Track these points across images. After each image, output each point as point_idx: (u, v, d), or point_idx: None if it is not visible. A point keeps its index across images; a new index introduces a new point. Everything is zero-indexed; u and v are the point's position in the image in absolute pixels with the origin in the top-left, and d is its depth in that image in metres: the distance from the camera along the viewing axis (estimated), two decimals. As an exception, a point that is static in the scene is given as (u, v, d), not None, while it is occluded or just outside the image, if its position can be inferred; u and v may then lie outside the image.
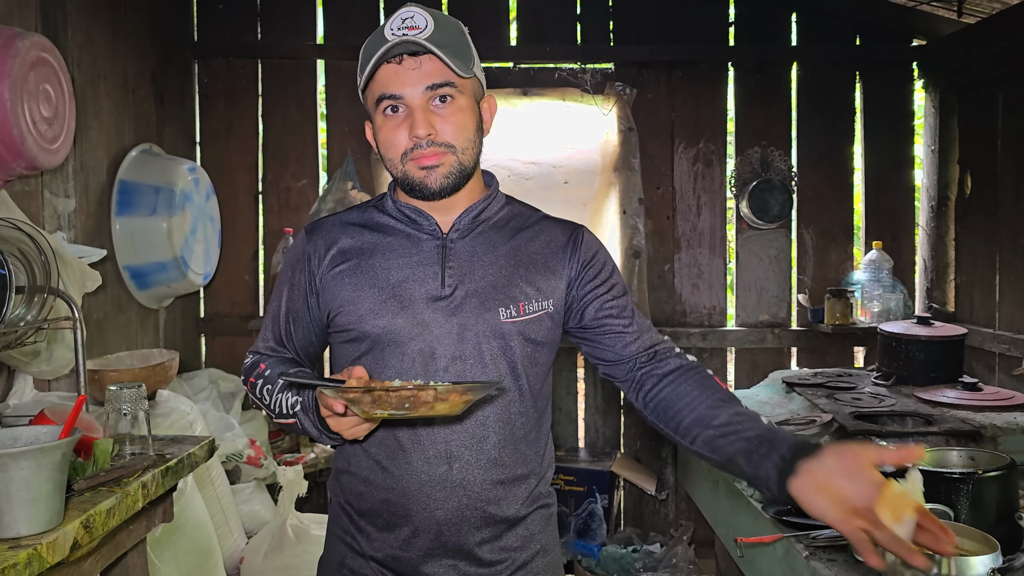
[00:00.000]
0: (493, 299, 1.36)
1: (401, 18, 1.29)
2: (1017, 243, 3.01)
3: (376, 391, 1.10)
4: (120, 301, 3.00)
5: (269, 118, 3.74)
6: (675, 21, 3.70)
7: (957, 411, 2.45)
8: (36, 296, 1.61)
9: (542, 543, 1.47)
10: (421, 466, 1.35)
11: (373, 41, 1.31)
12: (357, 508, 1.41)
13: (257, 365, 1.41)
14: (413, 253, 1.38)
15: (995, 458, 1.90)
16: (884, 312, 3.52)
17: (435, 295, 1.35)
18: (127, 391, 1.43)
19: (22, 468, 1.07)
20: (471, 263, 1.38)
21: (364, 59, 1.32)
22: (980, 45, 3.22)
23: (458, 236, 1.39)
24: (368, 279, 1.36)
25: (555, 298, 1.41)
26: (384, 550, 1.39)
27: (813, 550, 1.88)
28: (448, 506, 1.36)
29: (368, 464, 1.38)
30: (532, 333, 1.39)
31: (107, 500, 1.26)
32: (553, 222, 1.48)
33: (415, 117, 1.29)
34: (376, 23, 3.69)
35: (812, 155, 3.74)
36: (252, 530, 2.84)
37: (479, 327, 1.35)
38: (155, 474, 1.42)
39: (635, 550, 3.30)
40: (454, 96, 1.31)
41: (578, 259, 1.44)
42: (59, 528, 1.14)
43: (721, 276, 3.79)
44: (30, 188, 2.50)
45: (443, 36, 1.29)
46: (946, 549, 1.10)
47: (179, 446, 1.58)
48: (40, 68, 2.26)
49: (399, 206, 1.40)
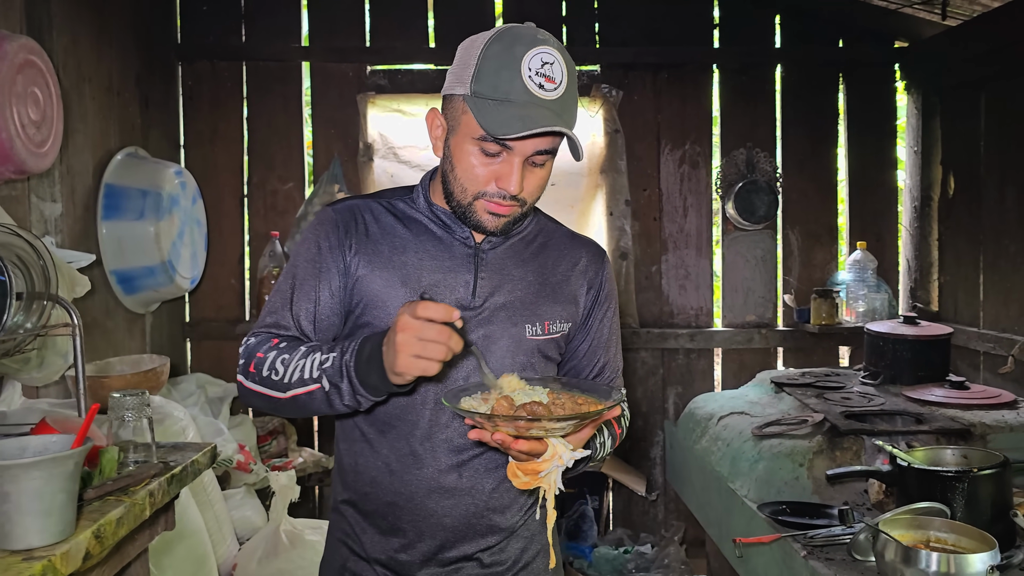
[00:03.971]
0: (521, 314, 1.37)
1: (541, 59, 1.23)
2: (1000, 243, 3.06)
3: (538, 421, 1.11)
4: (107, 306, 2.96)
5: (254, 121, 3.71)
6: (660, 23, 3.72)
7: (946, 409, 2.48)
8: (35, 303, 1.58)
9: (543, 543, 1.49)
10: (431, 473, 1.35)
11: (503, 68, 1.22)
12: (361, 508, 1.41)
13: (268, 340, 1.32)
14: (445, 258, 1.37)
15: (989, 456, 1.93)
16: (869, 312, 3.56)
17: (465, 304, 1.35)
18: (130, 398, 1.41)
19: (34, 479, 1.05)
20: (501, 276, 1.38)
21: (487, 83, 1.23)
22: (962, 47, 3.27)
23: (490, 247, 1.39)
24: (400, 277, 1.34)
25: (572, 323, 1.44)
26: (387, 552, 1.39)
27: (811, 549, 1.90)
28: (455, 513, 1.37)
29: (377, 465, 1.38)
30: (550, 351, 1.41)
31: (116, 509, 1.24)
32: (578, 242, 1.50)
33: (513, 173, 1.26)
34: (362, 26, 3.67)
35: (797, 156, 3.78)
36: (243, 536, 2.81)
37: (505, 340, 1.36)
38: (161, 482, 1.41)
39: (627, 551, 3.32)
40: (549, 159, 1.30)
41: (595, 291, 1.47)
42: (71, 539, 1.12)
43: (708, 277, 3.82)
44: (17, 192, 2.46)
45: (569, 97, 1.26)
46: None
47: (181, 453, 1.56)
48: (28, 71, 2.23)
49: (433, 208, 1.39)
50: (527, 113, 1.21)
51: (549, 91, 1.22)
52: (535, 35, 1.25)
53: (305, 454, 3.49)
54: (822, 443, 2.34)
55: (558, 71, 1.23)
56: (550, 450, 1.14)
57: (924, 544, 1.69)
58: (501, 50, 1.23)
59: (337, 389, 1.21)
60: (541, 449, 1.14)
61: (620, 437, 1.45)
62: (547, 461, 1.14)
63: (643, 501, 3.73)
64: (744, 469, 2.44)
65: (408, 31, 3.70)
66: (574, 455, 1.15)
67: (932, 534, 1.71)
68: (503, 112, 1.21)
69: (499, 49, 1.24)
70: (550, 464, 1.14)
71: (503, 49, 1.23)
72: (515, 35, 1.25)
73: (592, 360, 1.48)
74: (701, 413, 3.00)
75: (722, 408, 2.90)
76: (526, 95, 1.21)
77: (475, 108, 1.23)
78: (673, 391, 3.79)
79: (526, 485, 1.17)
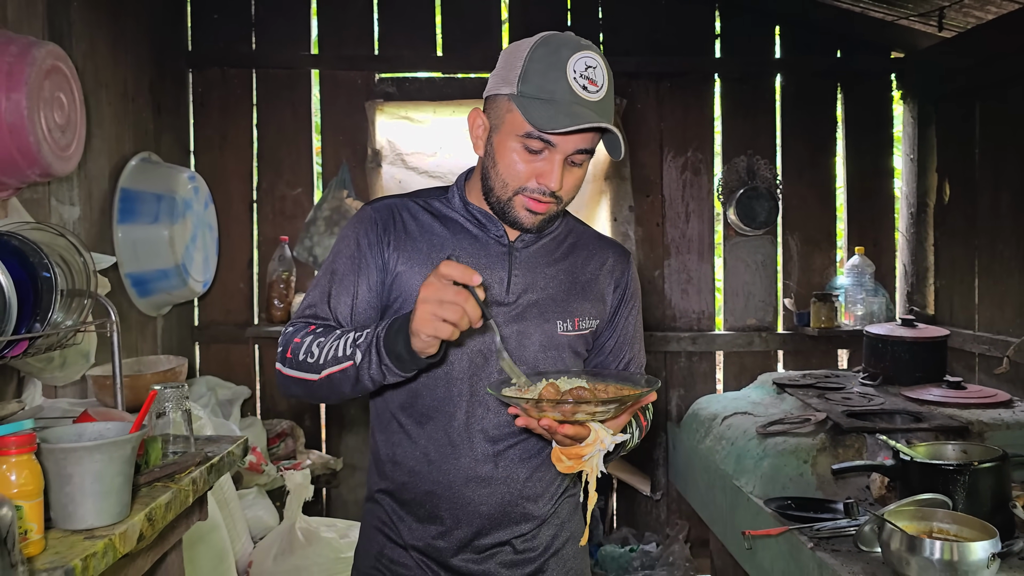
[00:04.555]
0: (552, 311, 1.43)
1: (585, 63, 1.29)
2: (995, 248, 3.14)
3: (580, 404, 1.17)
4: (121, 309, 2.99)
5: (264, 127, 3.77)
6: (663, 34, 3.80)
7: (944, 408, 2.55)
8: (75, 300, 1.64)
9: (571, 530, 1.54)
10: (468, 463, 1.40)
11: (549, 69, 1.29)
12: (399, 497, 1.45)
13: (306, 327, 1.36)
14: (481, 256, 1.42)
15: (988, 450, 1.99)
16: (867, 315, 3.63)
17: (499, 300, 1.40)
18: (170, 391, 1.47)
19: (96, 461, 1.10)
20: (534, 274, 1.44)
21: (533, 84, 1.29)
22: (957, 58, 3.35)
23: (523, 245, 1.44)
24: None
25: (599, 319, 1.49)
26: (424, 539, 1.44)
27: (817, 541, 1.96)
28: (491, 502, 1.42)
29: (416, 455, 1.43)
30: (579, 347, 1.47)
31: (164, 495, 1.30)
32: (604, 243, 1.56)
33: (554, 170, 1.31)
34: (371, 34, 3.74)
35: (796, 164, 3.86)
36: (256, 535, 2.85)
37: (537, 336, 1.41)
38: (202, 471, 1.46)
39: (632, 550, 3.37)
40: (586, 159, 1.36)
41: (622, 289, 1.53)
42: (127, 520, 1.17)
43: (709, 281, 3.89)
44: (38, 196, 2.52)
45: (609, 101, 1.32)
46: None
47: (217, 445, 1.61)
48: (54, 76, 2.28)
49: (469, 207, 1.44)
50: (572, 111, 1.27)
51: (592, 93, 1.29)
52: (579, 41, 1.32)
53: (313, 456, 3.54)
54: (825, 441, 2.40)
55: (600, 75, 1.30)
56: (592, 435, 1.20)
57: (927, 534, 1.75)
58: (547, 53, 1.30)
59: (368, 360, 1.24)
60: (584, 434, 1.20)
61: (646, 428, 1.50)
62: (590, 445, 1.20)
63: (647, 501, 3.79)
64: (749, 467, 2.50)
65: (416, 40, 3.77)
66: (615, 439, 1.21)
67: (935, 525, 1.77)
68: (549, 109, 1.27)
69: (545, 52, 1.30)
70: (593, 448, 1.20)
71: (549, 52, 1.30)
72: (561, 40, 1.31)
73: (619, 356, 1.54)
74: (705, 414, 3.06)
75: (725, 409, 2.97)
76: (571, 95, 1.27)
77: (522, 106, 1.29)
78: (676, 393, 3.85)
79: (570, 469, 1.23)
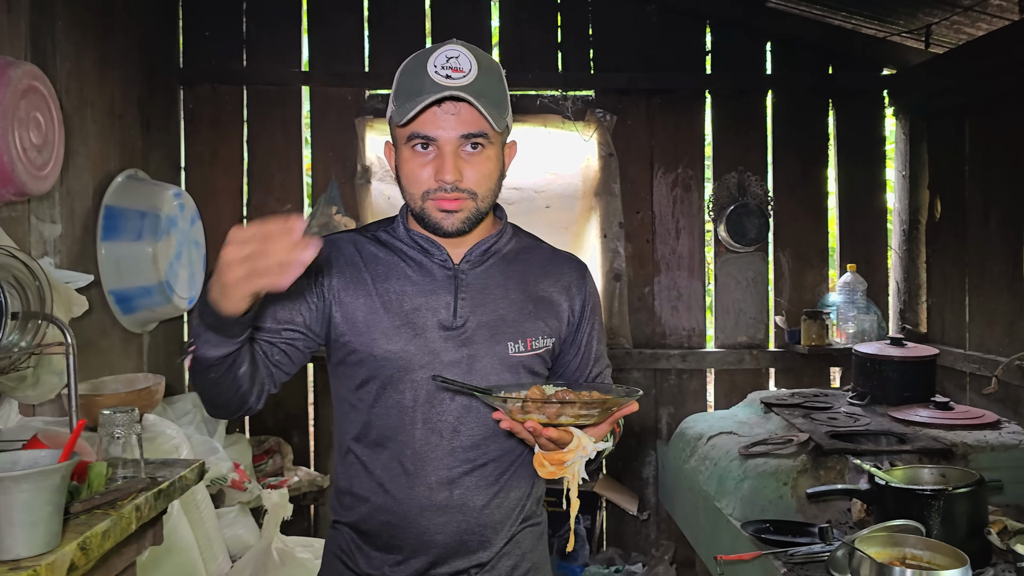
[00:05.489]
0: (503, 332, 1.40)
1: (446, 56, 1.30)
2: (985, 265, 3.10)
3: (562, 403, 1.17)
4: (104, 326, 3.01)
5: (254, 143, 3.78)
6: (654, 50, 3.79)
7: (929, 430, 2.52)
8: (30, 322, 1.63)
9: (534, 561, 1.51)
10: (423, 491, 1.38)
11: (414, 73, 1.31)
12: (357, 528, 1.44)
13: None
14: (426, 282, 1.40)
15: (965, 475, 1.96)
16: (859, 333, 3.60)
17: (447, 325, 1.38)
18: (120, 415, 1.46)
19: (23, 491, 1.09)
20: (483, 295, 1.41)
21: (403, 90, 1.32)
22: (947, 75, 3.33)
23: (469, 267, 1.42)
24: (383, 303, 1.38)
25: (556, 337, 1.46)
26: (381, 568, 1.41)
27: (791, 566, 1.92)
28: (448, 530, 1.39)
29: (371, 486, 1.40)
30: (536, 367, 1.44)
31: (103, 522, 1.28)
32: (559, 258, 1.53)
33: (444, 161, 1.31)
34: (361, 52, 3.75)
35: (788, 180, 3.84)
36: (236, 554, 2.84)
37: (488, 359, 1.38)
38: (148, 497, 1.45)
39: (617, 570, 3.33)
40: (484, 145, 1.34)
41: (579, 304, 1.50)
42: (57, 550, 1.16)
43: (700, 298, 3.86)
44: (16, 214, 2.52)
45: (484, 84, 1.31)
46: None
47: (170, 469, 1.60)
48: (31, 96, 2.29)
49: (412, 234, 1.43)
50: (431, 96, 1.28)
51: (457, 79, 1.29)
52: (444, 43, 1.34)
53: (301, 473, 3.53)
54: (806, 462, 2.37)
55: (465, 62, 1.30)
56: (575, 441, 1.19)
57: (900, 561, 1.72)
58: (412, 62, 1.34)
59: (198, 336, 1.19)
60: (567, 439, 1.20)
61: (618, 437, 1.48)
62: (572, 451, 1.20)
63: (635, 521, 3.75)
64: (730, 488, 2.47)
65: (406, 57, 3.76)
66: (597, 446, 1.21)
67: (908, 551, 1.74)
68: (413, 102, 1.29)
69: (410, 63, 1.34)
70: (575, 455, 1.20)
71: (413, 61, 1.34)
72: (426, 49, 1.34)
73: (584, 373, 1.52)
74: (691, 433, 3.03)
75: (711, 428, 2.94)
76: (433, 86, 1.28)
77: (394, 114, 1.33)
78: (665, 411, 3.82)
79: (552, 475, 1.23)
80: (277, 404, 3.78)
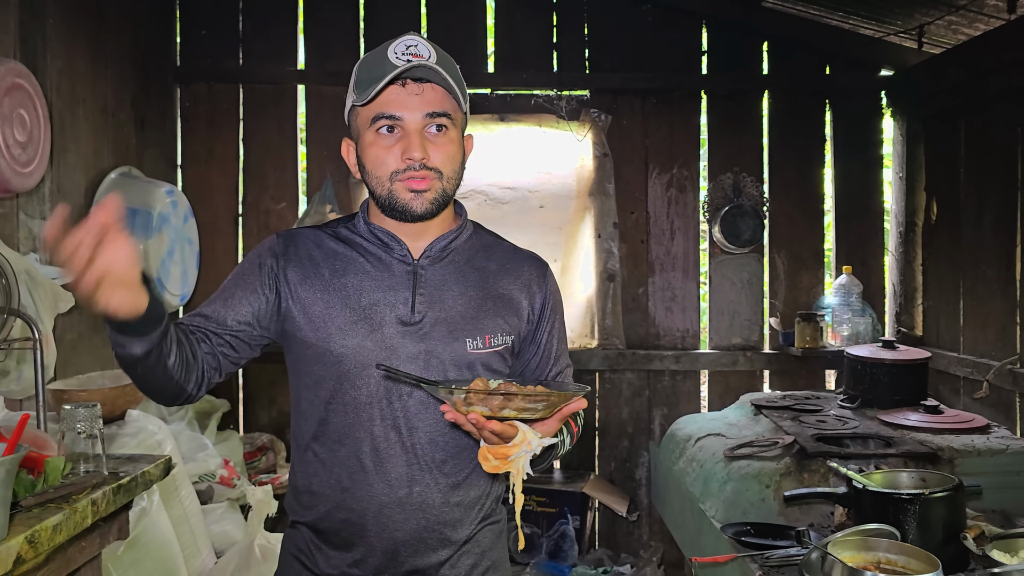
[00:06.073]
0: (461, 329, 1.40)
1: (405, 44, 1.33)
2: (978, 269, 3.07)
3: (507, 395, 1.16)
4: (95, 322, 3.02)
5: (250, 142, 3.79)
6: (649, 50, 3.77)
7: (917, 433, 2.49)
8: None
9: (493, 559, 1.50)
10: (382, 488, 1.37)
11: (375, 62, 1.34)
12: (316, 527, 1.43)
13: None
14: (385, 277, 1.40)
15: (944, 479, 1.94)
16: (854, 336, 3.57)
17: (405, 320, 1.38)
18: (81, 410, 1.46)
19: (-33, 484, 1.10)
20: (441, 291, 1.41)
21: (364, 78, 1.35)
22: (943, 76, 3.29)
23: (428, 263, 1.42)
24: (340, 298, 1.38)
25: (516, 335, 1.46)
26: (340, 567, 1.41)
27: (767, 570, 1.91)
28: (407, 528, 1.39)
29: (330, 484, 1.40)
30: (495, 364, 1.43)
31: (54, 516, 1.29)
32: (520, 256, 1.52)
33: (411, 140, 1.33)
34: (356, 51, 3.76)
35: (783, 181, 3.81)
36: (223, 550, 2.84)
37: (445, 355, 1.38)
38: (106, 491, 1.45)
39: (606, 571, 3.32)
40: (448, 127, 1.36)
41: (539, 302, 1.50)
42: (3, 543, 1.17)
43: (694, 300, 3.84)
44: (5, 210, 2.54)
45: (444, 68, 1.33)
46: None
47: (134, 464, 1.61)
48: (15, 93, 2.31)
49: (372, 228, 1.43)
50: (401, 72, 1.30)
51: (418, 63, 1.31)
52: (402, 35, 1.36)
53: (292, 470, 3.52)
54: (790, 465, 2.35)
55: (424, 50, 1.33)
56: (520, 435, 1.19)
57: (875, 565, 1.70)
58: (370, 55, 1.36)
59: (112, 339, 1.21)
60: (512, 433, 1.19)
61: (577, 435, 1.47)
62: (516, 446, 1.19)
63: (626, 522, 3.73)
64: (714, 490, 2.46)
65: (400, 56, 3.77)
66: (542, 442, 1.20)
67: (881, 555, 1.72)
68: (376, 84, 1.31)
69: (368, 56, 1.37)
70: (519, 449, 1.19)
71: (370, 53, 1.37)
72: (384, 43, 1.36)
73: (544, 371, 1.51)
74: (681, 434, 3.01)
75: (700, 430, 2.92)
76: (394, 69, 1.30)
77: (357, 99, 1.35)
78: (659, 413, 3.80)
79: (496, 469, 1.22)
80: (271, 402, 3.80)
